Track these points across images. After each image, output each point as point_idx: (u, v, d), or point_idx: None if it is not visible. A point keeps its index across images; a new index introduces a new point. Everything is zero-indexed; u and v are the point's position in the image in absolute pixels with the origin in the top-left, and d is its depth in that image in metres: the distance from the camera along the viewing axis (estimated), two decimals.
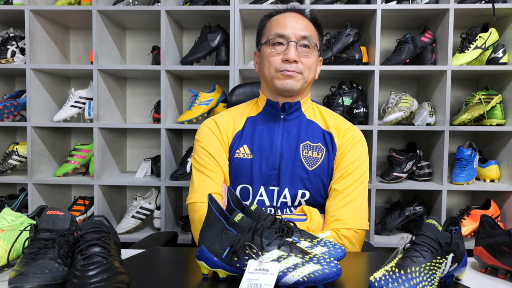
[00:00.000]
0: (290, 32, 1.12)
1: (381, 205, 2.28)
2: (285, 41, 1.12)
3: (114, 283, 0.67)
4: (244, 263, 0.72)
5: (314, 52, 1.15)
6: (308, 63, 1.13)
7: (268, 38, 1.14)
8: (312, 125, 1.20)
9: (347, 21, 2.04)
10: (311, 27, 1.17)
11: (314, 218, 1.06)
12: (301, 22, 1.15)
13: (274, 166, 1.15)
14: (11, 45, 2.10)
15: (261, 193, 1.14)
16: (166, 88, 2.01)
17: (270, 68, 1.14)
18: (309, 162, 1.15)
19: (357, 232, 1.07)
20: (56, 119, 2.07)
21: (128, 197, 2.38)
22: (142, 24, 2.25)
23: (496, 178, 2.04)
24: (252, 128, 1.20)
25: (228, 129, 1.20)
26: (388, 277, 0.68)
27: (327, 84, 2.26)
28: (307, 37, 1.13)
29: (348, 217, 1.07)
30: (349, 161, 1.14)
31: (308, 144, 1.16)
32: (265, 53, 1.15)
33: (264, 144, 1.17)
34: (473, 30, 1.99)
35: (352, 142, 1.16)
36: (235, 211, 0.77)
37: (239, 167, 1.16)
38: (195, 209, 1.10)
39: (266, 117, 1.20)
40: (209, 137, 1.19)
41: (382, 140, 2.24)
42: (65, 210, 0.83)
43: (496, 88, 2.05)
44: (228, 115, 1.24)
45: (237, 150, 1.17)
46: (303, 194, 1.14)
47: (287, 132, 1.17)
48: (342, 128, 1.19)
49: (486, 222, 0.88)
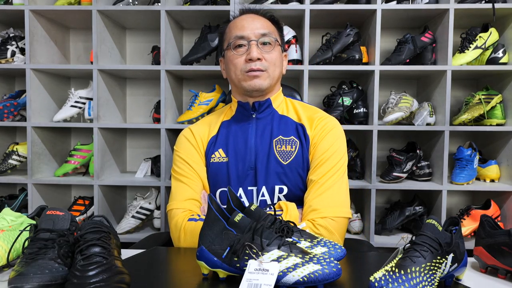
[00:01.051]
0: (249, 32, 1.14)
1: (381, 205, 2.28)
2: (245, 41, 1.14)
3: (114, 283, 0.67)
4: (244, 263, 0.72)
5: (276, 47, 1.17)
6: (272, 58, 1.15)
7: (229, 42, 1.16)
8: (285, 119, 1.21)
9: (347, 21, 2.04)
10: (269, 25, 1.19)
11: (290, 212, 1.06)
12: (258, 21, 1.17)
13: (251, 166, 1.16)
14: (11, 45, 2.10)
15: (240, 194, 1.15)
16: (166, 88, 2.01)
17: (236, 70, 1.15)
18: (283, 156, 1.15)
19: (335, 220, 1.05)
20: (56, 119, 2.07)
21: (128, 197, 2.38)
22: (142, 24, 2.25)
23: (496, 178, 2.04)
24: (226, 131, 1.22)
25: (203, 136, 1.23)
26: (388, 277, 0.68)
27: (327, 84, 2.26)
28: (266, 34, 1.15)
29: (324, 205, 1.06)
30: (323, 150, 1.13)
31: (281, 139, 1.17)
32: (229, 57, 1.17)
33: (238, 146, 1.18)
34: (473, 30, 1.99)
35: (325, 131, 1.16)
36: (235, 211, 0.77)
37: (216, 171, 1.18)
38: (171, 216, 1.12)
39: (239, 118, 1.22)
40: (185, 146, 1.22)
41: (382, 140, 2.24)
42: (65, 210, 0.83)
43: (496, 88, 2.05)
44: (204, 123, 1.28)
45: (212, 155, 1.19)
46: (280, 189, 1.14)
47: (261, 130, 1.18)
48: (315, 118, 1.19)
49: (486, 222, 0.88)
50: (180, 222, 1.08)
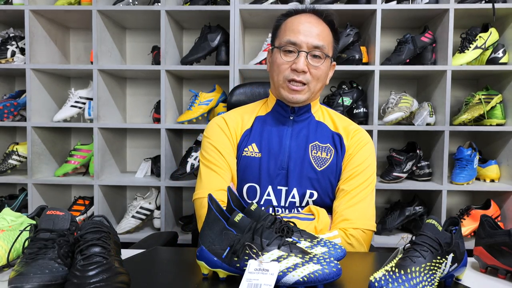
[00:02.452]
0: (302, 40, 1.09)
1: (381, 205, 2.28)
2: (296, 49, 1.09)
3: (114, 283, 0.67)
4: (244, 263, 0.72)
5: (325, 62, 1.12)
6: (317, 74, 1.11)
7: (280, 44, 1.12)
8: (321, 126, 1.20)
9: (347, 21, 2.04)
10: (326, 34, 1.13)
11: (322, 218, 1.06)
12: (315, 28, 1.11)
13: (283, 165, 1.14)
14: (11, 45, 2.10)
15: (269, 192, 1.14)
16: (166, 88, 2.01)
17: (279, 75, 1.12)
18: (318, 162, 1.14)
19: (365, 232, 1.07)
20: (56, 119, 2.07)
21: (128, 197, 2.38)
22: (142, 24, 2.25)
23: (496, 178, 2.04)
24: (261, 127, 1.19)
25: (237, 127, 1.19)
26: (388, 277, 0.68)
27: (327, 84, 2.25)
28: (319, 47, 1.09)
29: (356, 217, 1.07)
30: (358, 162, 1.14)
31: (317, 145, 1.16)
32: (276, 58, 1.13)
33: (272, 144, 1.16)
34: (473, 30, 1.99)
35: (360, 144, 1.17)
36: (235, 211, 0.77)
37: (247, 165, 1.15)
38: (202, 205, 1.10)
39: (275, 117, 1.20)
40: (217, 134, 1.18)
41: (382, 140, 2.24)
42: (65, 210, 0.83)
43: (496, 88, 2.04)
44: (237, 114, 1.23)
45: (246, 149, 1.17)
46: (311, 194, 1.14)
47: (296, 133, 1.17)
48: (351, 130, 1.19)
49: (486, 222, 0.88)
50: None
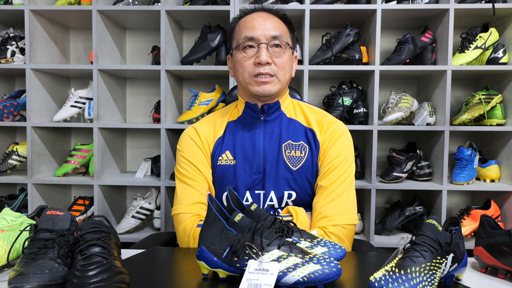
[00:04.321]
0: (259, 33, 1.08)
1: (381, 205, 2.28)
2: (255, 43, 1.09)
3: (114, 283, 0.67)
4: (244, 263, 0.72)
5: (286, 50, 1.12)
6: (282, 63, 1.10)
7: (238, 43, 1.11)
8: (293, 123, 1.18)
9: (347, 21, 2.04)
10: (281, 25, 1.13)
11: (301, 218, 1.05)
12: (269, 21, 1.11)
13: (259, 169, 1.13)
14: (11, 45, 2.10)
15: (247, 197, 1.13)
16: (166, 88, 2.01)
17: (243, 73, 1.11)
18: (293, 162, 1.13)
19: (345, 227, 1.06)
20: (56, 119, 2.07)
21: (128, 197, 2.38)
22: (142, 24, 2.25)
23: (496, 178, 2.04)
24: (233, 133, 1.18)
25: (209, 136, 1.19)
26: (388, 277, 0.68)
27: (327, 84, 2.26)
28: (277, 36, 1.09)
29: (334, 213, 1.06)
30: (333, 156, 1.12)
31: (290, 143, 1.14)
32: (237, 58, 1.12)
33: (246, 148, 1.15)
34: (473, 30, 1.99)
35: (335, 136, 1.15)
36: (235, 211, 0.77)
37: (223, 174, 1.15)
38: (179, 221, 1.10)
39: (246, 120, 1.18)
40: (190, 146, 1.17)
41: (382, 140, 2.24)
42: (65, 210, 0.83)
43: (496, 88, 2.05)
44: (208, 122, 1.23)
45: (220, 157, 1.16)
46: (289, 195, 1.13)
47: (269, 134, 1.16)
48: (324, 123, 1.17)
49: (486, 222, 0.88)
50: (189, 228, 1.05)
